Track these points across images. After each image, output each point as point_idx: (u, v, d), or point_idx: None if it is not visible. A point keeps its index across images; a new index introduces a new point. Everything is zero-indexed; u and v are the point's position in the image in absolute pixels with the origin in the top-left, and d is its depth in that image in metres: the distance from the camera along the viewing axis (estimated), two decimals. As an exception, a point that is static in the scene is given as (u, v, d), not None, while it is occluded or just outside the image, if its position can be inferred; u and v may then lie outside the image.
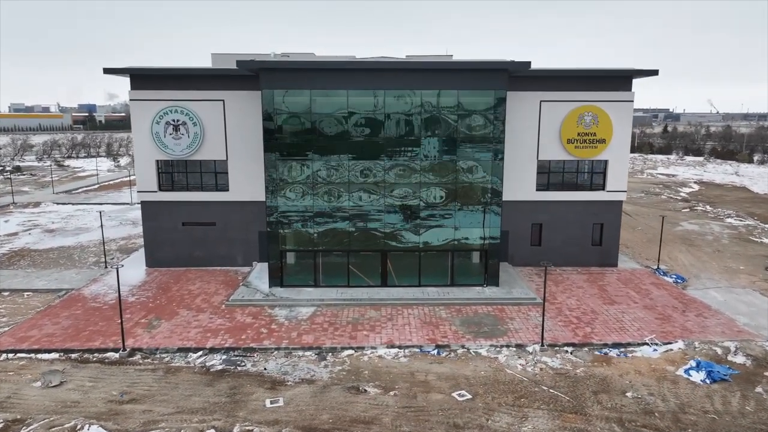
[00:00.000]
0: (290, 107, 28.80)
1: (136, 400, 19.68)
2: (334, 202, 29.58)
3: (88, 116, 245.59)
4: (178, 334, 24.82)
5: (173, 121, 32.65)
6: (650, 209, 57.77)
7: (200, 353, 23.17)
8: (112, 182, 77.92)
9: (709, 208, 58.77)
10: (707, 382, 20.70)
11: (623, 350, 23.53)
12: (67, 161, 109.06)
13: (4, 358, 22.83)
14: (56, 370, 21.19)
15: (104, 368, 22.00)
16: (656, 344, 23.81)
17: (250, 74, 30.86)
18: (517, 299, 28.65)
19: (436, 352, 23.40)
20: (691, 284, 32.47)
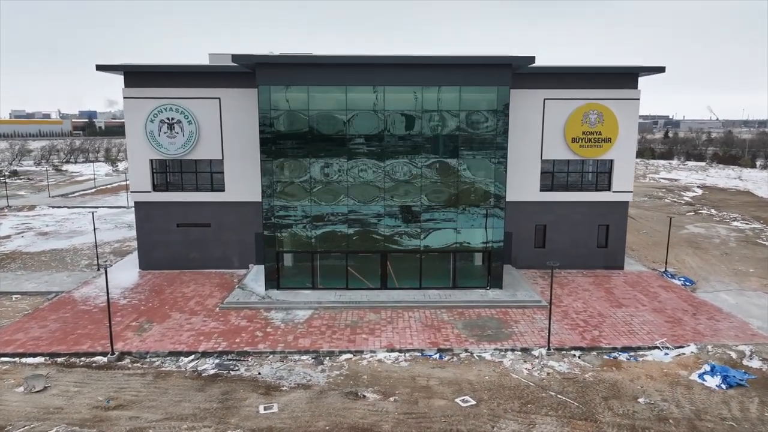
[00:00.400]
0: (287, 104, 27.98)
1: (123, 406, 18.71)
2: (332, 202, 28.70)
3: (87, 122, 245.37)
4: (169, 337, 23.86)
5: (168, 119, 31.84)
6: (654, 213, 56.93)
7: (192, 357, 22.21)
8: (109, 186, 77.11)
9: (713, 211, 57.92)
10: (723, 387, 19.73)
11: (633, 354, 22.57)
12: (65, 166, 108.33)
13: (-13, 362, 21.88)
14: (40, 374, 20.22)
15: (91, 373, 21.03)
16: (668, 348, 22.85)
17: (246, 71, 30.11)
18: (521, 302, 27.70)
19: (438, 356, 22.44)
20: (700, 287, 31.52)
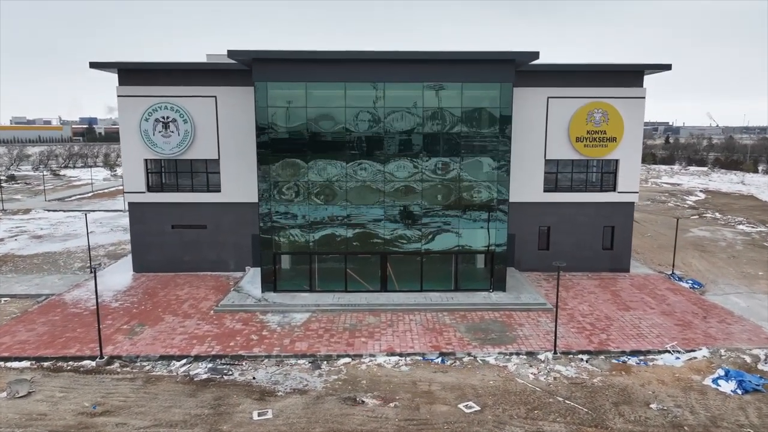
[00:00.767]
0: (284, 101, 27.26)
1: (109, 411, 17.83)
2: (330, 202, 27.92)
3: (87, 128, 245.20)
4: (161, 341, 23.01)
5: (163, 118, 31.12)
6: (658, 216, 56.19)
7: (184, 361, 21.34)
8: (106, 190, 76.39)
9: (718, 215, 57.17)
10: (738, 392, 18.86)
11: (643, 358, 21.70)
12: (63, 171, 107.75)
13: (-30, 366, 21.01)
14: (24, 379, 19.35)
15: (78, 377, 20.17)
16: (678, 352, 21.99)
17: (243, 68, 29.43)
18: (525, 305, 26.85)
19: (440, 360, 21.58)
20: (709, 290, 30.68)
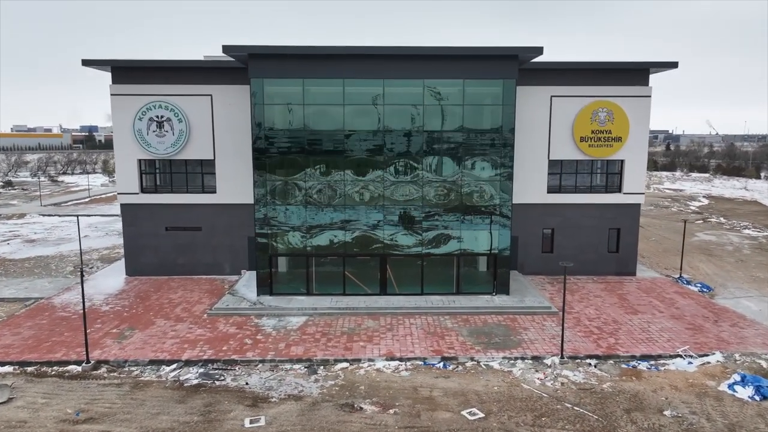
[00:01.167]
0: (281, 99, 26.55)
1: (93, 419, 16.90)
2: (328, 202, 27.08)
3: (87, 136, 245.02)
4: (151, 345, 22.09)
5: (157, 117, 30.37)
6: (662, 221, 55.39)
7: (174, 366, 20.42)
8: (103, 196, 75.59)
9: (723, 219, 56.35)
10: (756, 398, 17.92)
11: (654, 363, 20.78)
12: (61, 177, 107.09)
13: (-49, 371, 20.08)
14: (4, 384, 18.44)
15: (62, 383, 19.24)
16: (691, 356, 21.07)
17: (239, 66, 28.71)
18: (530, 308, 25.95)
19: (441, 364, 20.66)
20: (718, 293, 29.78)
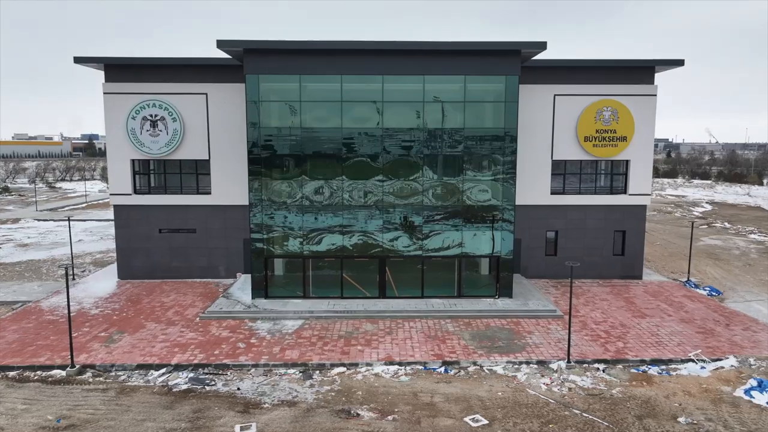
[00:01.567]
0: (277, 96, 25.84)
1: (75, 426, 15.99)
2: (326, 202, 26.27)
3: (87, 144, 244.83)
4: (140, 349, 21.19)
5: (150, 116, 29.64)
6: (665, 226, 54.56)
7: (163, 371, 19.52)
8: (101, 201, 74.79)
9: (727, 224, 55.53)
10: (774, 404, 17.02)
11: (665, 367, 19.87)
12: (60, 184, 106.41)
13: (-71, 376, 19.19)
14: (-17, 389, 17.56)
15: (45, 388, 18.34)
16: (704, 361, 20.16)
17: (235, 63, 28.01)
18: (534, 311, 25.06)
19: (443, 369, 19.76)
20: (728, 297, 28.89)
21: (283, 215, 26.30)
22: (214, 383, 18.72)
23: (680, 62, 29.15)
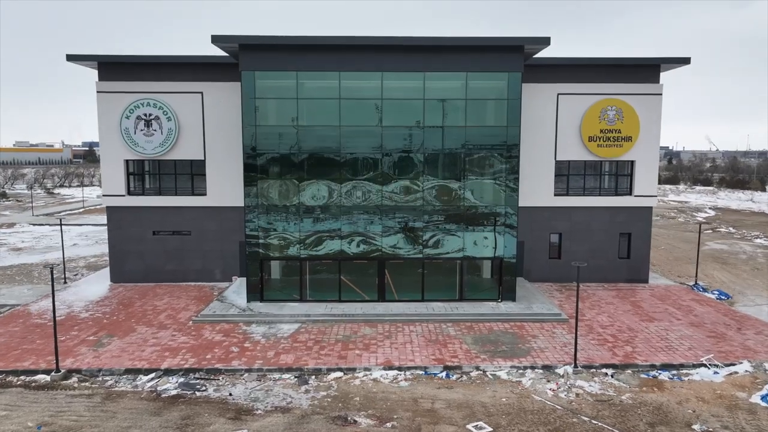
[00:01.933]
0: (274, 93, 25.20)
1: (57, 433, 15.18)
2: (323, 202, 25.54)
3: (88, 151, 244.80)
4: (129, 353, 20.39)
5: (145, 115, 28.99)
6: (669, 231, 53.76)
7: (152, 375, 18.70)
8: (98, 207, 74.08)
9: (732, 229, 54.75)
10: (793, 411, 16.18)
11: (676, 373, 19.04)
12: (58, 189, 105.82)
13: None
14: (-38, 394, 16.75)
15: (27, 393, 17.52)
16: (716, 366, 19.33)
17: (231, 61, 27.38)
18: (538, 315, 24.25)
19: (444, 374, 18.93)
20: (738, 301, 28.08)
21: (279, 216, 25.56)
22: (205, 388, 17.90)
23: (686, 60, 28.50)
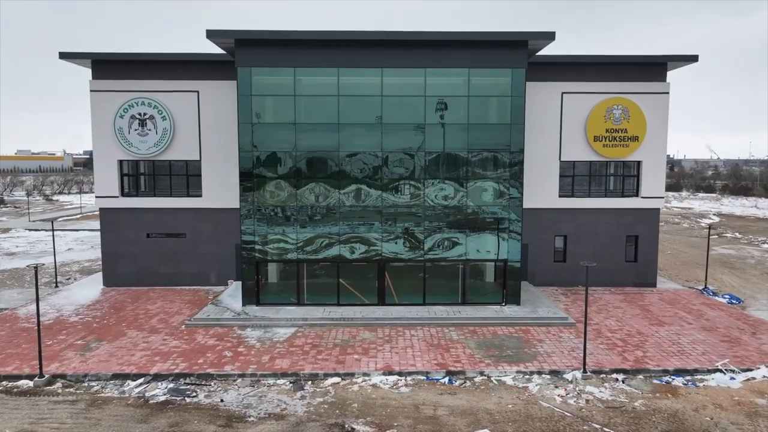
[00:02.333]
0: (270, 90, 24.51)
1: (36, 441, 14.32)
2: (321, 202, 24.77)
3: (89, 159, 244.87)
4: (118, 357, 19.53)
5: (139, 114, 28.30)
6: (674, 236, 52.91)
7: (140, 381, 17.83)
8: (96, 213, 73.37)
9: (738, 235, 53.91)
10: (817, 418, 15.28)
11: (690, 378, 18.15)
12: (57, 196, 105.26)
13: None
14: (-63, 399, 15.90)
15: (8, 399, 16.65)
16: (732, 371, 18.43)
17: (228, 60, 26.73)
18: (544, 319, 23.38)
19: (447, 380, 18.05)
20: (749, 305, 27.19)
21: (276, 216, 24.78)
22: (195, 394, 17.03)
23: (694, 58, 27.80)
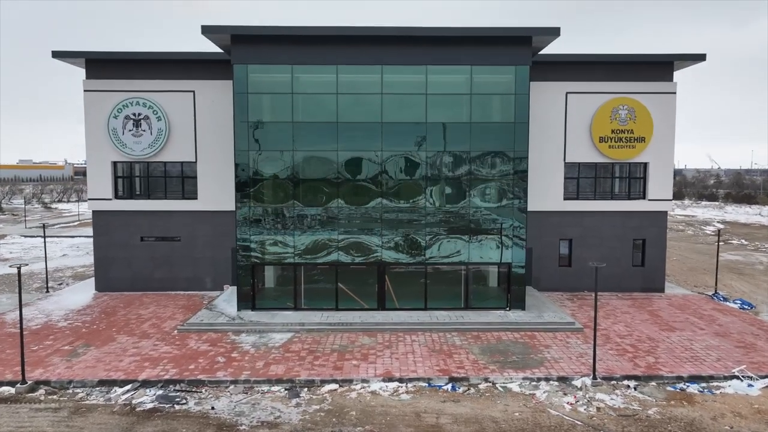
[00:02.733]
0: (267, 88, 23.86)
1: (13, 450, 13.46)
2: (319, 203, 24.02)
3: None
4: (105, 363, 18.69)
5: (134, 115, 27.66)
6: (680, 242, 52.08)
7: (128, 387, 16.99)
8: (93, 219, 72.63)
9: (744, 241, 53.08)
10: (844, 427, 14.39)
11: (706, 385, 17.28)
12: (56, 204, 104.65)
13: None
14: None
15: (-13, 406, 15.82)
16: (750, 378, 17.55)
17: (224, 59, 26.13)
18: (550, 324, 22.52)
19: (450, 386, 17.18)
20: (762, 311, 26.32)
21: (273, 217, 24.02)
22: (185, 401, 16.17)
23: (702, 57, 27.16)
